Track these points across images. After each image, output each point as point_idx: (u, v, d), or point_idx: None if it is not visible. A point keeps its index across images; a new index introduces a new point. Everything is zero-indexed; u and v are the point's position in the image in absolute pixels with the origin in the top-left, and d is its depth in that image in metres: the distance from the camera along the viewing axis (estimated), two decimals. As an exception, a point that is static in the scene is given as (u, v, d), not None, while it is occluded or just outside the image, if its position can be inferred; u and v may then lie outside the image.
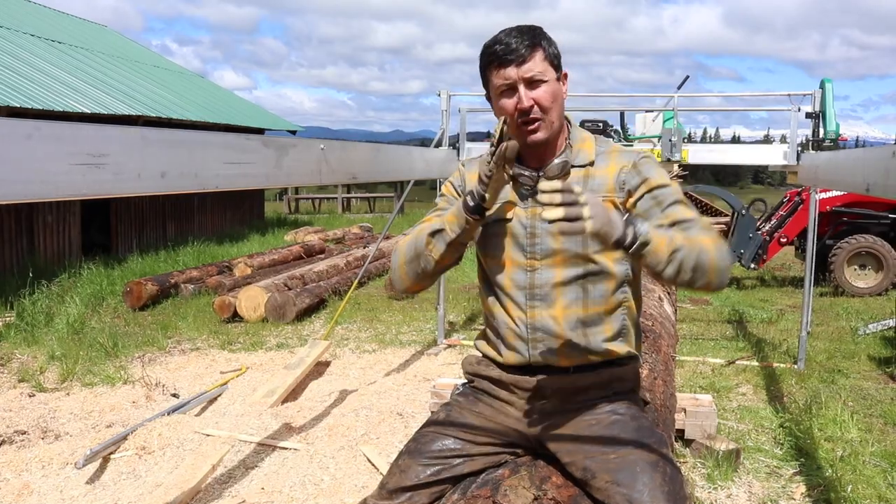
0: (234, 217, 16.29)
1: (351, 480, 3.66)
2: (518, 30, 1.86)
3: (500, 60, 1.83)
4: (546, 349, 1.91)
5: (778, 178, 31.52)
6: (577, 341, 1.89)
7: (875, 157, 2.44)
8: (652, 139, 6.05)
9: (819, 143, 5.69)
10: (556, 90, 1.87)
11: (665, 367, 3.24)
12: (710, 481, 3.61)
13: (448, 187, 2.10)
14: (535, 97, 1.83)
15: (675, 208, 1.84)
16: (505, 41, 1.83)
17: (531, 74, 1.82)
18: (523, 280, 1.92)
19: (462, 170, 2.10)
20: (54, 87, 11.09)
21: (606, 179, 1.89)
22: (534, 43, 1.83)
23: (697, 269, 1.68)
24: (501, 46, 1.83)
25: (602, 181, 1.89)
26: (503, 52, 1.82)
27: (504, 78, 1.84)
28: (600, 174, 1.90)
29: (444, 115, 5.80)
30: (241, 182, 2.36)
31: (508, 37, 1.84)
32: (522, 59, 1.82)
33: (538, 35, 1.86)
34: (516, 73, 1.82)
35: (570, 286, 1.89)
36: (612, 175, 1.89)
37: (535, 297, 1.91)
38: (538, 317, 1.91)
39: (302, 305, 7.54)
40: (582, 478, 1.78)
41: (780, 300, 8.87)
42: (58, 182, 1.60)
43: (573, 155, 1.92)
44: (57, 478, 3.74)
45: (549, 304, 1.90)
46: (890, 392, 5.12)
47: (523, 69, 1.82)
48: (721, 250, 1.73)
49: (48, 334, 6.62)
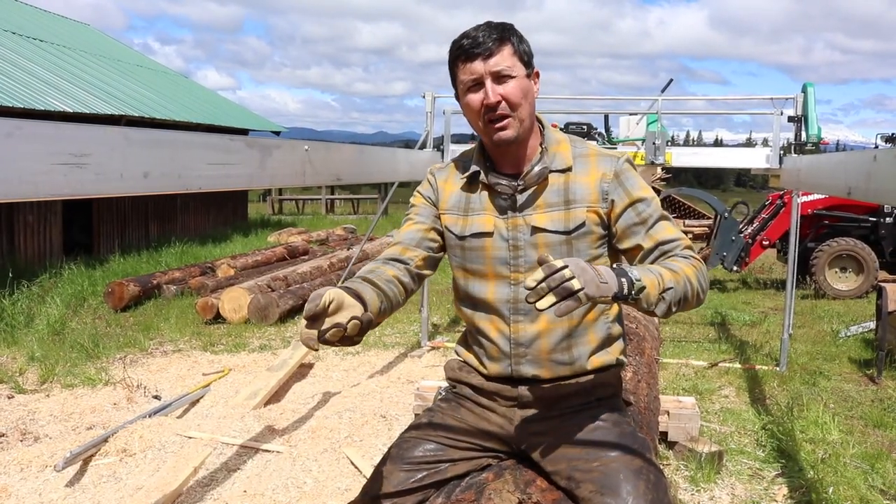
0: (217, 218, 16.20)
1: (334, 483, 3.64)
2: (487, 24, 1.81)
3: (466, 54, 1.78)
4: (529, 364, 1.88)
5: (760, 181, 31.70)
6: (561, 357, 1.87)
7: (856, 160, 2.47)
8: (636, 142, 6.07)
9: (801, 147, 5.73)
10: (526, 87, 1.81)
11: (649, 370, 3.26)
12: (693, 483, 3.62)
13: (419, 198, 2.01)
14: (503, 93, 1.77)
15: (659, 227, 1.81)
16: (472, 35, 1.78)
17: (499, 69, 1.76)
18: (507, 294, 1.88)
19: (432, 179, 2.02)
20: (36, 85, 10.99)
21: (588, 188, 1.84)
22: (502, 37, 1.78)
23: (683, 301, 1.67)
24: (468, 40, 1.78)
25: (584, 189, 1.84)
26: (469, 46, 1.77)
27: (470, 73, 1.78)
28: (581, 181, 1.84)
29: (429, 117, 5.79)
30: (224, 183, 2.34)
31: (476, 31, 1.79)
32: (490, 52, 1.76)
33: (507, 30, 1.81)
34: (483, 68, 1.76)
35: None
36: (593, 183, 1.84)
37: (518, 311, 1.87)
38: (522, 332, 1.87)
39: (285, 307, 7.51)
40: (566, 486, 1.77)
41: (762, 302, 8.93)
42: (38, 182, 1.58)
43: (550, 159, 1.86)
44: (36, 481, 3.70)
45: (533, 318, 1.86)
46: (870, 394, 5.16)
47: (490, 63, 1.76)
48: (701, 274, 1.73)
49: (28, 335, 6.56)
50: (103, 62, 15.69)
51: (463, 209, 1.93)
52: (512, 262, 1.87)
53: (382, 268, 1.84)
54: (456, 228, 1.93)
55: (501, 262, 1.88)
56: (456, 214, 1.94)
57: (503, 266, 1.88)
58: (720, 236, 9.21)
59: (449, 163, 2.04)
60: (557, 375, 1.89)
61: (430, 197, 1.99)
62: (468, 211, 1.92)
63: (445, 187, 1.97)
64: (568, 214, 1.83)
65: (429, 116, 5.80)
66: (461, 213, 1.93)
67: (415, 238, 1.94)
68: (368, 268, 1.84)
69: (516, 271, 1.87)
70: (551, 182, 1.86)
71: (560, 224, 1.83)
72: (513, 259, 1.87)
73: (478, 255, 1.90)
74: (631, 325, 3.67)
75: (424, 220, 1.97)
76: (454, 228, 1.93)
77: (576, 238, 1.83)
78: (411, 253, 1.92)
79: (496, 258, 1.88)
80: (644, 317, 4.03)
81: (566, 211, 1.83)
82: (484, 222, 1.89)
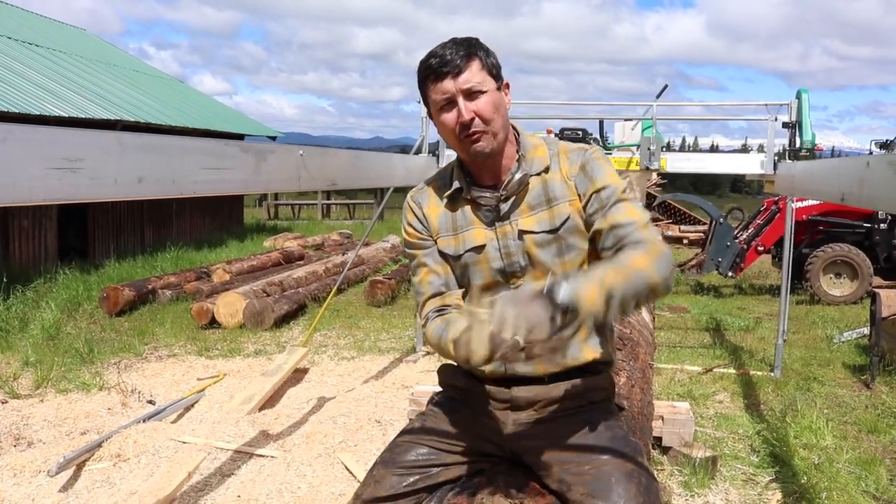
0: (212, 223, 16.19)
1: (328, 488, 3.64)
2: (452, 41, 1.80)
3: (435, 74, 1.78)
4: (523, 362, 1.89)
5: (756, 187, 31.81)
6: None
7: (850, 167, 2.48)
8: (631, 147, 6.08)
9: (795, 153, 5.74)
10: (498, 100, 1.81)
11: (642, 375, 3.26)
12: (687, 489, 3.63)
13: (411, 232, 1.98)
14: (475, 109, 1.77)
15: (617, 209, 1.78)
16: (440, 54, 1.78)
17: (469, 86, 1.76)
18: None
19: (416, 209, 1.99)
20: (31, 90, 10.99)
21: (564, 184, 1.86)
22: (469, 53, 1.78)
23: (638, 295, 1.61)
24: (436, 59, 1.77)
25: (560, 185, 1.86)
26: (438, 65, 1.77)
27: (442, 92, 1.78)
28: (556, 178, 1.87)
29: (424, 123, 5.80)
30: (219, 188, 2.34)
31: (444, 49, 1.78)
32: (458, 69, 1.76)
33: (474, 45, 1.80)
34: (454, 86, 1.76)
35: None
36: (566, 178, 1.86)
37: None
38: None
39: (280, 312, 7.51)
40: (558, 490, 1.77)
41: (757, 308, 8.95)
42: (32, 186, 1.58)
43: (528, 165, 1.87)
44: (29, 486, 3.69)
45: None
46: (864, 399, 5.18)
47: (460, 80, 1.76)
48: (659, 260, 1.65)
49: (22, 340, 6.54)
50: (99, 67, 15.68)
51: (452, 229, 1.93)
52: (508, 270, 1.89)
53: (453, 315, 1.87)
54: (450, 250, 1.93)
55: (498, 271, 1.90)
56: (448, 236, 1.94)
57: (500, 274, 1.90)
58: (715, 242, 9.23)
59: (425, 186, 2.02)
60: (549, 371, 1.89)
61: (422, 231, 1.97)
62: (457, 229, 1.93)
63: (431, 213, 1.97)
64: (552, 213, 1.85)
65: (424, 122, 5.81)
66: (451, 232, 1.93)
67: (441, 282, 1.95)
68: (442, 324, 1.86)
69: (513, 276, 1.89)
70: (531, 185, 1.87)
71: (546, 223, 1.85)
72: (508, 266, 1.88)
73: (476, 269, 1.92)
74: (625, 329, 3.67)
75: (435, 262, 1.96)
76: (448, 250, 1.94)
77: (564, 234, 1.84)
78: (453, 298, 1.94)
79: (493, 269, 1.90)
80: (638, 322, 4.03)
81: (549, 209, 1.85)
82: (475, 236, 1.90)
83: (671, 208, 17.52)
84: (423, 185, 2.03)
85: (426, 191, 2.00)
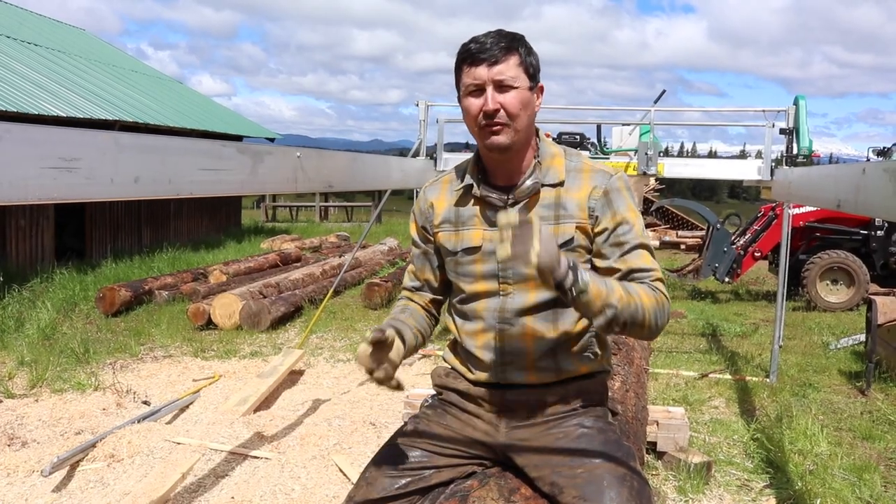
0: (210, 224, 16.18)
1: (322, 490, 3.64)
2: (498, 32, 1.80)
3: (472, 59, 1.77)
4: (516, 371, 1.89)
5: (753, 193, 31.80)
6: (547, 363, 1.88)
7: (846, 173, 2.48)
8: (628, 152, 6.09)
9: (793, 159, 5.75)
10: (527, 99, 1.79)
11: (637, 380, 3.26)
12: (682, 493, 3.63)
13: (413, 227, 2.06)
14: (502, 101, 1.76)
15: (636, 254, 1.80)
16: (481, 40, 1.78)
17: (501, 77, 1.75)
18: (495, 304, 1.88)
19: (423, 199, 2.03)
20: (29, 89, 10.97)
21: (578, 203, 1.84)
22: (510, 47, 1.78)
23: (629, 325, 1.68)
24: (476, 45, 1.77)
25: (574, 204, 1.84)
26: (476, 51, 1.77)
27: (474, 77, 1.77)
28: (573, 197, 1.84)
29: (422, 125, 5.81)
30: (215, 189, 2.34)
31: (486, 37, 1.78)
32: (495, 59, 1.75)
33: (517, 41, 1.80)
34: (487, 74, 1.76)
35: (542, 310, 1.86)
36: (584, 199, 1.83)
37: (506, 321, 1.87)
38: (508, 341, 1.88)
39: (277, 313, 7.50)
40: (550, 493, 1.77)
41: (753, 314, 8.95)
42: (28, 186, 1.58)
43: (542, 173, 1.86)
44: (22, 486, 3.69)
45: (520, 328, 1.87)
46: (859, 406, 5.18)
47: (494, 71, 1.76)
48: (661, 310, 1.73)
49: (18, 339, 6.53)
50: (97, 67, 15.68)
51: (455, 223, 1.94)
52: (501, 275, 1.88)
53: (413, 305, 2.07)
54: (449, 244, 1.94)
55: (490, 275, 1.89)
56: (449, 230, 1.95)
57: (492, 279, 1.89)
58: (712, 247, 9.25)
59: (442, 176, 2.05)
60: (543, 382, 1.89)
61: (422, 221, 2.04)
62: (459, 225, 1.93)
63: (438, 204, 1.98)
64: (557, 229, 1.83)
65: (422, 125, 5.82)
66: (453, 227, 1.94)
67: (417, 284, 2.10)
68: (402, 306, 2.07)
69: (505, 283, 1.88)
70: (543, 196, 1.85)
71: None
72: (501, 272, 1.87)
73: (468, 269, 1.91)
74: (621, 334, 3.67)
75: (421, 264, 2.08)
76: (448, 244, 1.94)
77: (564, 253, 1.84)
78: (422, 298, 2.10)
79: (485, 272, 1.89)
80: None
81: (556, 225, 1.83)
82: (472, 237, 1.90)
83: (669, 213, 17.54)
84: (438, 177, 2.06)
85: (439, 182, 2.03)
